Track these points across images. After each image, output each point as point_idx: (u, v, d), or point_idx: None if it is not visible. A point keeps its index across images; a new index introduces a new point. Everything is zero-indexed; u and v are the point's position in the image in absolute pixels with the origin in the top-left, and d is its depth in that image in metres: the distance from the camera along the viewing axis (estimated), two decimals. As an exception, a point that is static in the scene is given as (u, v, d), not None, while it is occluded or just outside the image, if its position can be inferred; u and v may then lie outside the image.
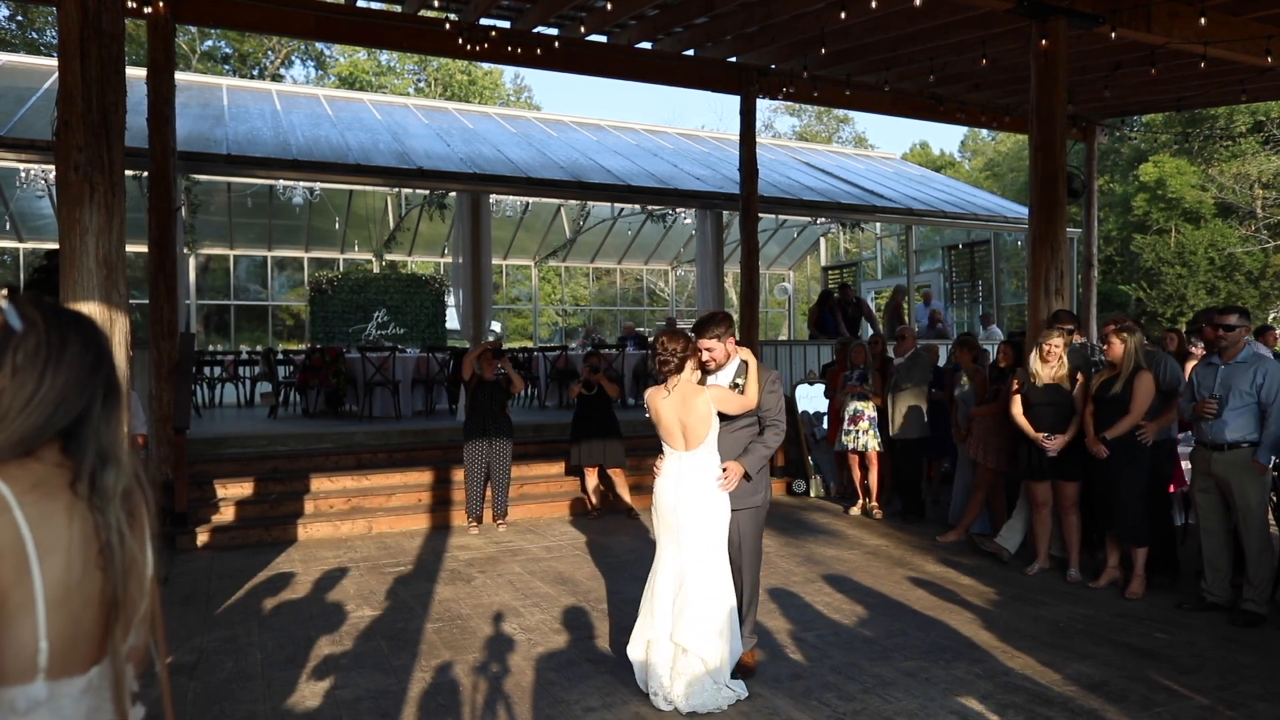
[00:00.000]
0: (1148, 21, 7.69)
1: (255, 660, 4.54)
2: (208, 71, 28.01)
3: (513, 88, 37.05)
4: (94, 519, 1.21)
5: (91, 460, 1.24)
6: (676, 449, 4.05)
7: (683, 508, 3.97)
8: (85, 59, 4.39)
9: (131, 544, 1.24)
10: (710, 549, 3.95)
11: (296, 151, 10.91)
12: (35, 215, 14.93)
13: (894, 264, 19.11)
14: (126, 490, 1.27)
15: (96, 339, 1.35)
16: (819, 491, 9.50)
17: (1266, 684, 4.14)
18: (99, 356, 1.33)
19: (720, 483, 3.99)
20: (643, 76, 10.88)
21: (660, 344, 4.06)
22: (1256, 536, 5.13)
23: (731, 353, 4.23)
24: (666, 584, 3.98)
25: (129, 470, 1.30)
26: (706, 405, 3.98)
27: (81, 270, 4.41)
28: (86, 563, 1.18)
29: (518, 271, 22.57)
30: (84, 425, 1.27)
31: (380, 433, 9.49)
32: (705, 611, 3.85)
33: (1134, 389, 5.72)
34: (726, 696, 3.87)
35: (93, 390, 1.30)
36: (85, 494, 1.21)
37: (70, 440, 1.26)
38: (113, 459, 1.27)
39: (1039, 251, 7.40)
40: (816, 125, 44.62)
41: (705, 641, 3.81)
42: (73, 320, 1.34)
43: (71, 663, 1.17)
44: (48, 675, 1.14)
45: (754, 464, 4.09)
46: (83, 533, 1.19)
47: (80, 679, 1.18)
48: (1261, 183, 29.01)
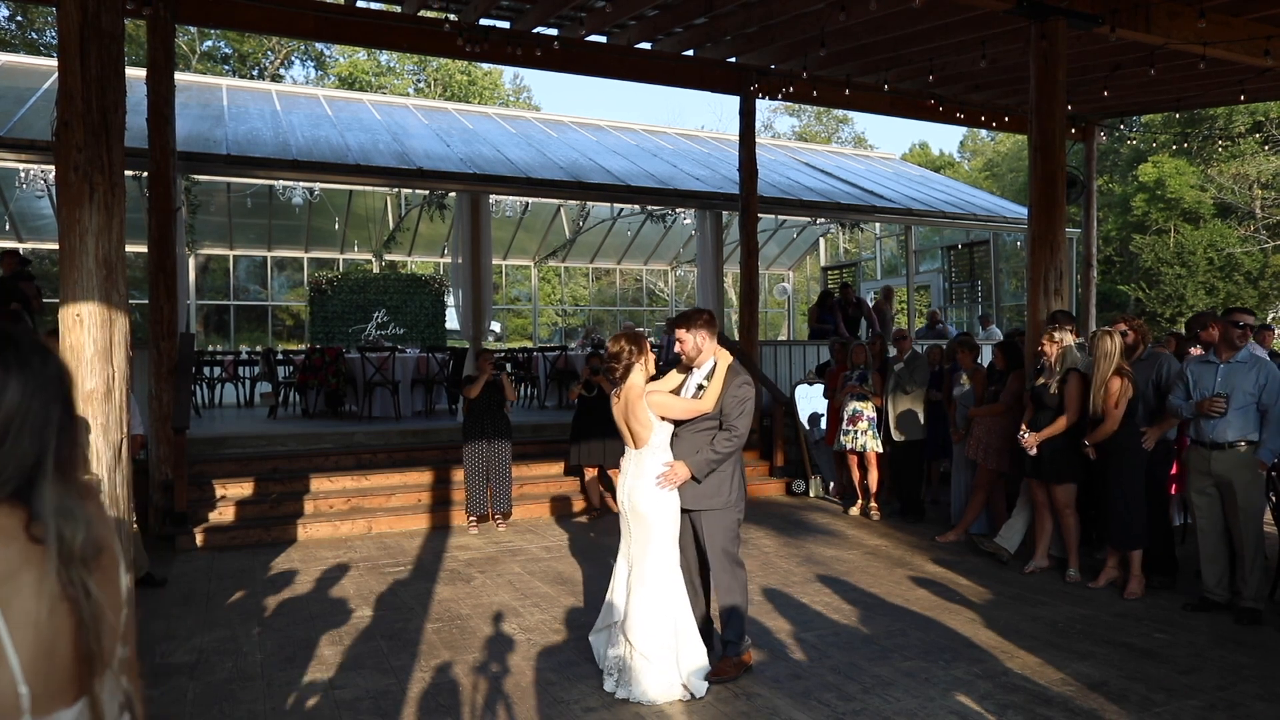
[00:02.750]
0: (1147, 22, 7.70)
1: (255, 660, 4.54)
2: (207, 72, 28.01)
3: (512, 88, 37.06)
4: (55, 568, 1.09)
5: (48, 515, 1.11)
6: (629, 448, 4.22)
7: (629, 505, 4.15)
8: (85, 59, 4.39)
9: (98, 599, 1.13)
10: (654, 547, 4.07)
11: (296, 152, 10.91)
12: (35, 215, 14.93)
13: (893, 264, 19.12)
14: (88, 542, 1.13)
15: (45, 384, 1.15)
16: (818, 491, 9.51)
17: (1266, 684, 4.14)
18: (46, 404, 1.15)
19: (658, 480, 4.07)
20: (642, 77, 10.88)
21: (605, 353, 4.23)
22: (1253, 535, 5.14)
23: (703, 348, 4.27)
24: (621, 577, 4.18)
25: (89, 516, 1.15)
26: (645, 411, 4.11)
27: (81, 270, 4.41)
28: (54, 601, 1.08)
29: (517, 271, 22.57)
30: (34, 484, 1.12)
31: (380, 433, 9.50)
32: (647, 608, 4.00)
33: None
34: (667, 693, 3.93)
35: (42, 444, 1.13)
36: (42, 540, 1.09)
37: (22, 492, 1.11)
38: (71, 512, 1.12)
39: (1038, 252, 7.40)
40: (816, 125, 44.64)
41: (645, 637, 3.95)
42: (20, 360, 1.15)
43: (56, 698, 1.13)
44: (34, 714, 1.11)
45: (699, 466, 4.12)
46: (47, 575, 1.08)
47: (68, 711, 1.14)
48: (1260, 183, 29.03)
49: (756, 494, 9.50)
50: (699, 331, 4.25)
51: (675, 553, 4.13)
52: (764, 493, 9.55)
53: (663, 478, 4.08)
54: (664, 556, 4.08)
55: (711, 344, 4.29)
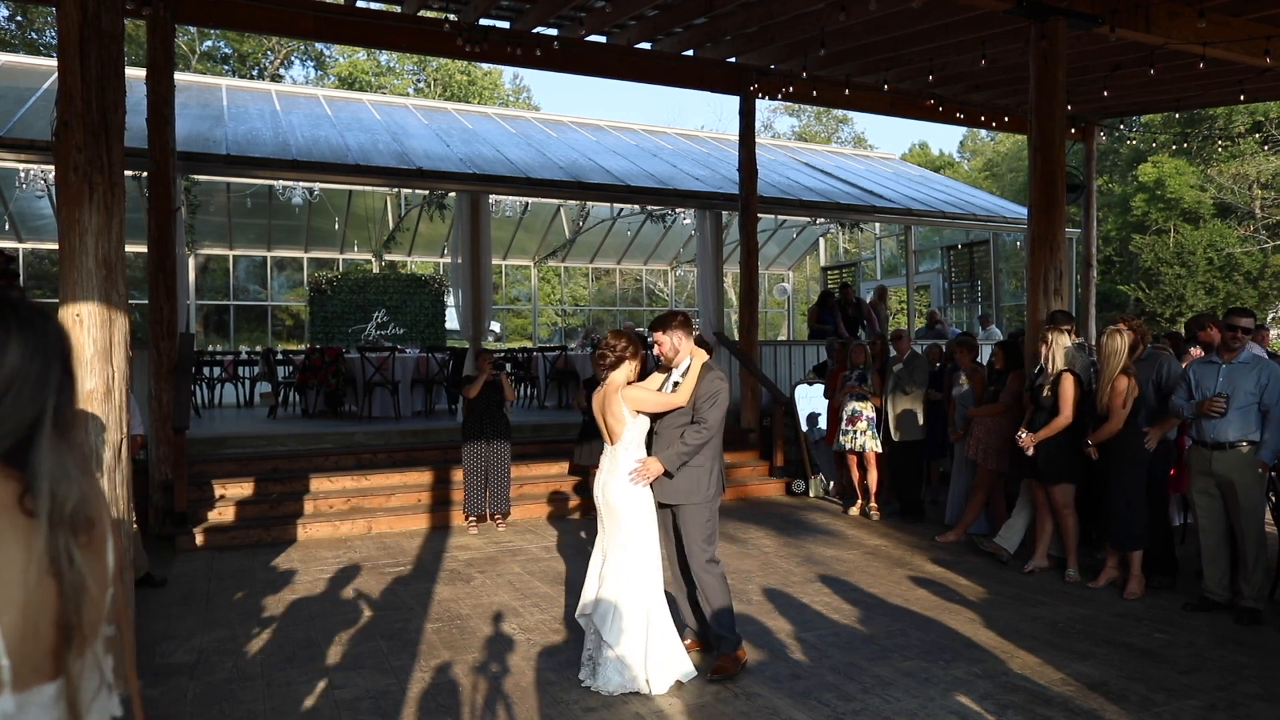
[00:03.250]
0: (1147, 22, 7.70)
1: (255, 660, 4.54)
2: (207, 72, 28.01)
3: (512, 88, 37.06)
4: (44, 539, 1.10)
5: (40, 480, 1.12)
6: (607, 443, 4.29)
7: (603, 500, 4.23)
8: (85, 59, 4.39)
9: (80, 568, 1.13)
10: (625, 541, 4.14)
11: (296, 152, 10.90)
12: (35, 215, 14.93)
13: (893, 264, 19.12)
14: (79, 509, 1.14)
15: (45, 345, 1.17)
16: (818, 491, 9.51)
17: (1266, 684, 4.14)
18: (46, 365, 1.16)
19: (631, 476, 4.14)
20: (642, 77, 10.88)
21: (604, 340, 4.32)
22: (1254, 535, 5.14)
23: (679, 348, 4.35)
24: (595, 569, 4.28)
25: (84, 490, 1.16)
26: (620, 406, 4.19)
27: (81, 270, 4.41)
28: (41, 578, 1.08)
29: (517, 271, 22.57)
30: (33, 441, 1.13)
31: (380, 433, 9.50)
32: (616, 602, 4.08)
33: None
34: (625, 686, 3.99)
35: (40, 404, 1.14)
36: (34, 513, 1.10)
37: (14, 456, 1.13)
38: (64, 478, 1.13)
39: (1038, 252, 7.40)
40: (816, 125, 44.63)
41: (611, 630, 4.04)
42: (20, 322, 1.17)
43: (37, 673, 1.12)
44: (13, 688, 1.10)
45: (670, 460, 4.19)
46: (36, 549, 1.09)
47: (50, 686, 1.13)
48: (1260, 183, 29.03)
49: (756, 494, 9.50)
50: (675, 333, 4.34)
51: (650, 547, 4.19)
52: (764, 493, 9.55)
53: (635, 473, 4.16)
54: (636, 551, 4.15)
55: (688, 344, 4.38)
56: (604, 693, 4.01)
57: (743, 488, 9.42)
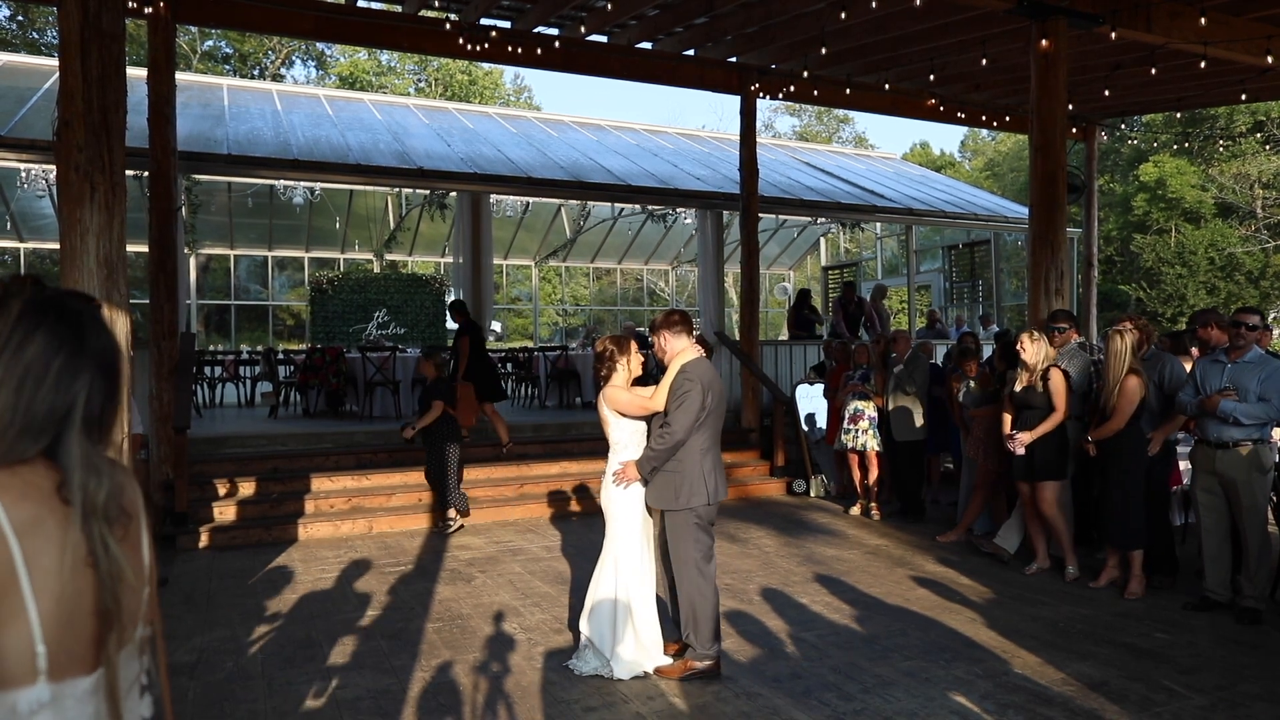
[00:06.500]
0: (1148, 21, 7.69)
1: (255, 660, 4.54)
2: (208, 71, 28.01)
3: (513, 88, 37.05)
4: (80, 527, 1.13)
5: (75, 469, 1.14)
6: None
7: (600, 500, 4.45)
8: (86, 59, 4.40)
9: (117, 555, 1.16)
10: (611, 539, 4.33)
11: (297, 151, 10.92)
12: (36, 215, 14.95)
13: (894, 264, 19.12)
14: (112, 500, 1.17)
15: (76, 344, 1.18)
16: (819, 491, 9.50)
17: (1266, 684, 4.14)
18: (73, 362, 1.17)
19: (614, 478, 4.30)
20: (643, 76, 10.88)
21: (599, 345, 4.47)
22: (1257, 534, 5.14)
23: (667, 349, 4.37)
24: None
25: (118, 479, 1.20)
26: (603, 408, 4.36)
27: (82, 270, 4.42)
28: (77, 565, 1.11)
29: (518, 271, 22.58)
30: (65, 431, 1.15)
31: (380, 433, 9.49)
32: (596, 595, 4.30)
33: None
34: (595, 671, 4.22)
35: (69, 399, 1.16)
36: (70, 501, 1.13)
37: (53, 447, 1.15)
38: (97, 469, 1.16)
39: (1039, 251, 7.40)
40: (816, 125, 44.62)
41: (587, 620, 4.31)
42: (56, 319, 1.18)
43: (75, 663, 1.13)
44: (50, 677, 1.11)
45: (642, 464, 4.25)
46: (72, 537, 1.12)
47: (86, 680, 1.14)
48: (1261, 183, 29.02)
49: (757, 493, 9.50)
50: (662, 333, 4.39)
51: (629, 546, 4.29)
52: (764, 493, 9.55)
53: (616, 475, 4.28)
54: (621, 549, 4.30)
55: (677, 344, 4.33)
56: (576, 673, 4.24)
57: (743, 487, 9.42)
